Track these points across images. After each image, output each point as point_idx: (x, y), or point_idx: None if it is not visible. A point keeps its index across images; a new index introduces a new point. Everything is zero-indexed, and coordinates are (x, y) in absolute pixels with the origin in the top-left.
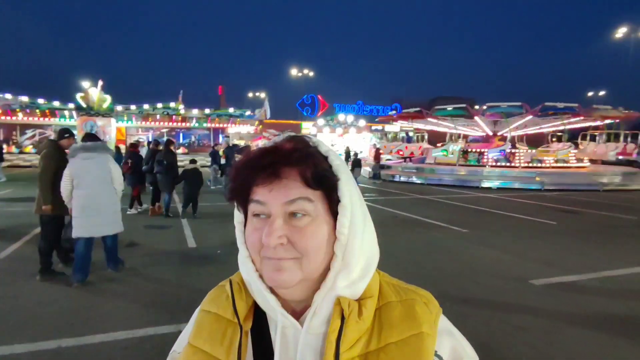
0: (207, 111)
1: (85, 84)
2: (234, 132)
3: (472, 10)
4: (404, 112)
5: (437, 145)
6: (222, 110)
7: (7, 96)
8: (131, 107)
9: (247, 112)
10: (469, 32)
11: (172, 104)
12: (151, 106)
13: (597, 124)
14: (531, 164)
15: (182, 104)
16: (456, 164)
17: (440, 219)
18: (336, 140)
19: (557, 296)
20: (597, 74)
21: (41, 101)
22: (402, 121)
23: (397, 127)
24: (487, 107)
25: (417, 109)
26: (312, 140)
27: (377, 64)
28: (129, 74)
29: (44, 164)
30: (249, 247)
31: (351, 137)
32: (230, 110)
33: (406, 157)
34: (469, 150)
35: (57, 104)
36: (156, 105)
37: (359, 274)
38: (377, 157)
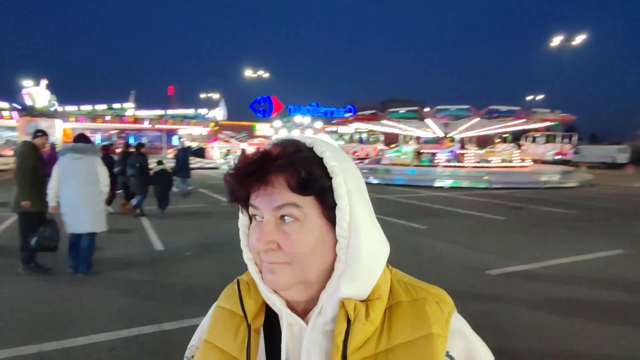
0: (162, 112)
1: (27, 82)
2: (186, 134)
3: (421, 16)
4: (359, 114)
5: (391, 146)
6: (178, 111)
7: None
8: (80, 108)
9: (204, 113)
10: (418, 37)
11: (123, 105)
12: (100, 107)
13: (537, 126)
14: (480, 164)
15: (133, 105)
16: (410, 164)
17: (399, 217)
18: None
19: (512, 284)
20: (536, 79)
21: None
22: (358, 123)
23: (351, 129)
24: (437, 110)
25: (373, 111)
26: (308, 141)
27: (331, 66)
28: (77, 74)
29: (20, 162)
30: (250, 249)
31: None
32: (190, 111)
33: (362, 158)
34: (422, 151)
35: None
36: (108, 105)
37: (364, 274)
38: None
